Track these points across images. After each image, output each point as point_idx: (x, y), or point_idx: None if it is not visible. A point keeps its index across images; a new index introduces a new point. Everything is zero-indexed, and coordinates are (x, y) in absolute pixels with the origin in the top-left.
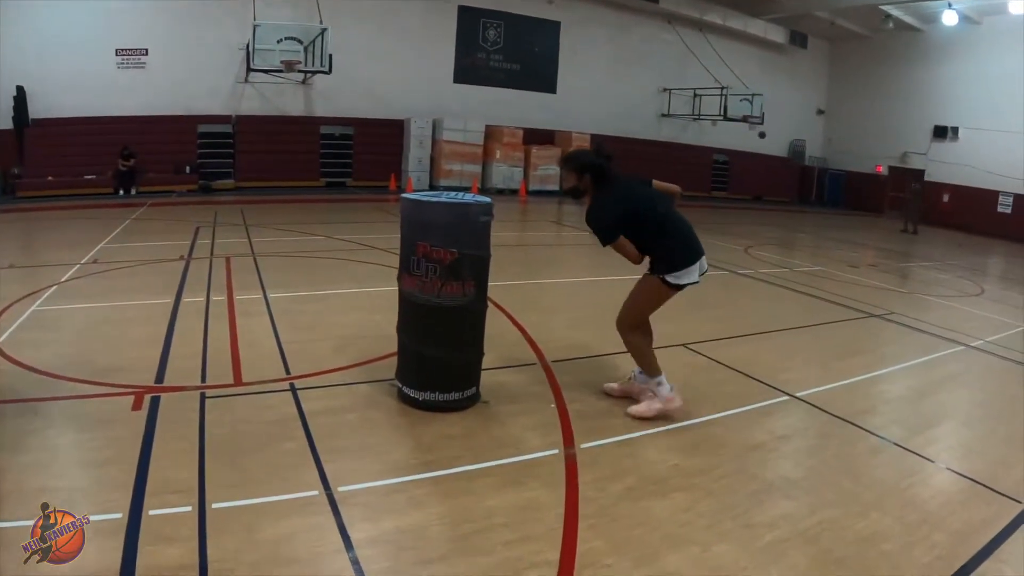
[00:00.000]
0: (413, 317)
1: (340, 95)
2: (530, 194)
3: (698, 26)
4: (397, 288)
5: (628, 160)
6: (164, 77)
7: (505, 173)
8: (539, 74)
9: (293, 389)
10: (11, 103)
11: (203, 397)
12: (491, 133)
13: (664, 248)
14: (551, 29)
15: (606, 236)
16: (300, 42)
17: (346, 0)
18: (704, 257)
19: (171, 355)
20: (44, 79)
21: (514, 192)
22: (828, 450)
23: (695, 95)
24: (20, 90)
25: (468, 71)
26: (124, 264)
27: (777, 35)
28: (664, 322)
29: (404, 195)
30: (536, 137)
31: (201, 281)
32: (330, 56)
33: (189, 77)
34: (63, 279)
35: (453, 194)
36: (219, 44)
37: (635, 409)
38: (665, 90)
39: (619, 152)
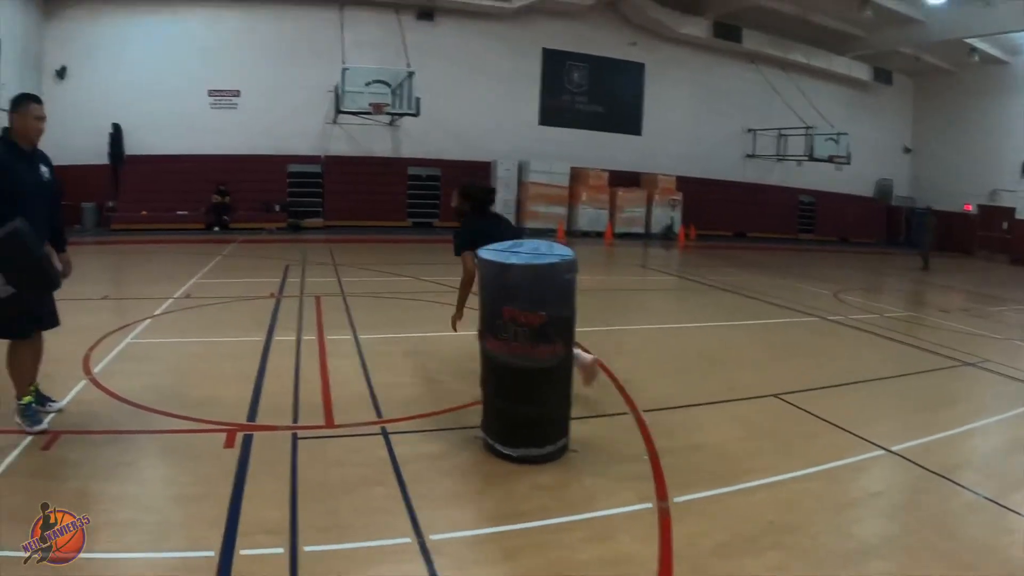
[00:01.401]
0: (499, 377)
1: (427, 136)
2: (616, 237)
3: (781, 65)
4: (479, 346)
5: (712, 204)
6: (255, 117)
7: (591, 215)
8: (624, 116)
9: (384, 433)
10: (108, 140)
11: (295, 438)
12: (577, 175)
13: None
14: (635, 71)
15: (458, 248)
16: (388, 85)
17: (433, 43)
18: None
19: (263, 393)
20: (139, 117)
21: (600, 234)
22: (923, 507)
23: (780, 135)
24: (116, 127)
25: (553, 113)
26: (216, 300)
27: (861, 72)
28: (754, 370)
29: (482, 253)
30: (621, 179)
31: (292, 319)
32: (417, 99)
33: (280, 118)
34: (157, 312)
35: (532, 244)
36: (309, 86)
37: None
38: (750, 131)
39: (704, 195)
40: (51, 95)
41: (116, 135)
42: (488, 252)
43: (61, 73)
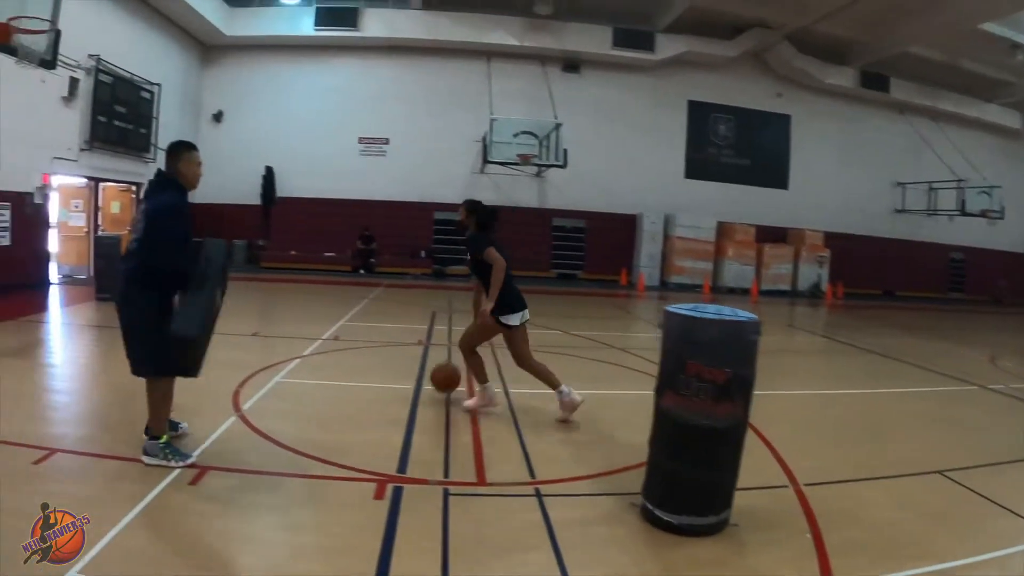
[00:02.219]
0: (675, 436)
1: (572, 188)
2: (762, 294)
3: (931, 114)
4: (653, 402)
5: (860, 261)
6: (403, 165)
7: (737, 272)
8: (770, 169)
9: (538, 495)
10: (260, 181)
11: (446, 493)
12: (723, 230)
13: (503, 293)
14: (781, 123)
15: (485, 243)
16: (535, 136)
17: (578, 95)
18: (526, 311)
19: (413, 444)
20: (291, 161)
21: (745, 292)
22: None
23: (930, 188)
24: (269, 170)
25: (699, 166)
26: (364, 344)
27: (1013, 120)
28: (913, 442)
29: (669, 308)
30: (768, 235)
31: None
32: (564, 150)
33: (427, 166)
34: (305, 353)
35: (714, 307)
36: (456, 136)
37: (468, 403)
38: (899, 184)
39: (852, 251)
40: (208, 138)
41: (269, 177)
42: (676, 307)
43: (218, 117)
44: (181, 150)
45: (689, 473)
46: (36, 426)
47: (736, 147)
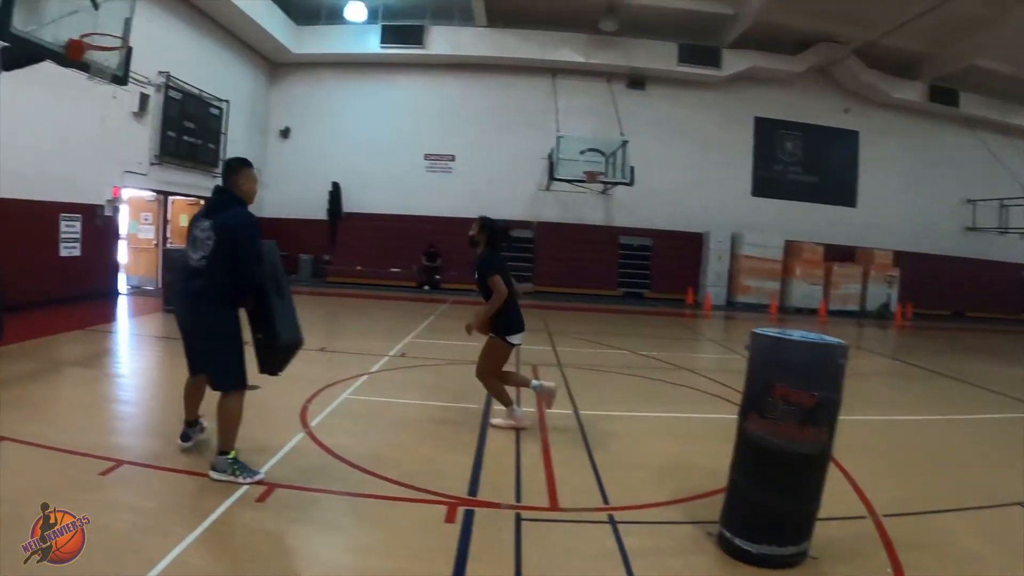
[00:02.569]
0: (758, 462)
1: (638, 205)
2: (830, 314)
3: (1001, 129)
4: (737, 426)
5: (930, 280)
6: (469, 182)
7: (804, 291)
8: (838, 186)
9: (612, 522)
10: (327, 197)
11: (518, 519)
12: (790, 249)
13: (506, 312)
14: (849, 139)
15: (493, 270)
16: (602, 153)
17: (644, 112)
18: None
19: (484, 466)
20: (358, 177)
21: (813, 312)
22: None
23: (1002, 205)
24: (336, 186)
25: (766, 184)
26: (431, 362)
27: None
28: (994, 472)
29: (757, 331)
30: (836, 253)
31: (509, 389)
32: (631, 168)
33: (493, 183)
34: (373, 369)
35: (799, 332)
36: (522, 153)
37: (496, 421)
38: (969, 201)
39: (921, 270)
40: (275, 153)
41: (335, 193)
42: (763, 330)
43: (285, 133)
44: (240, 166)
45: (771, 500)
46: (103, 437)
47: (803, 164)
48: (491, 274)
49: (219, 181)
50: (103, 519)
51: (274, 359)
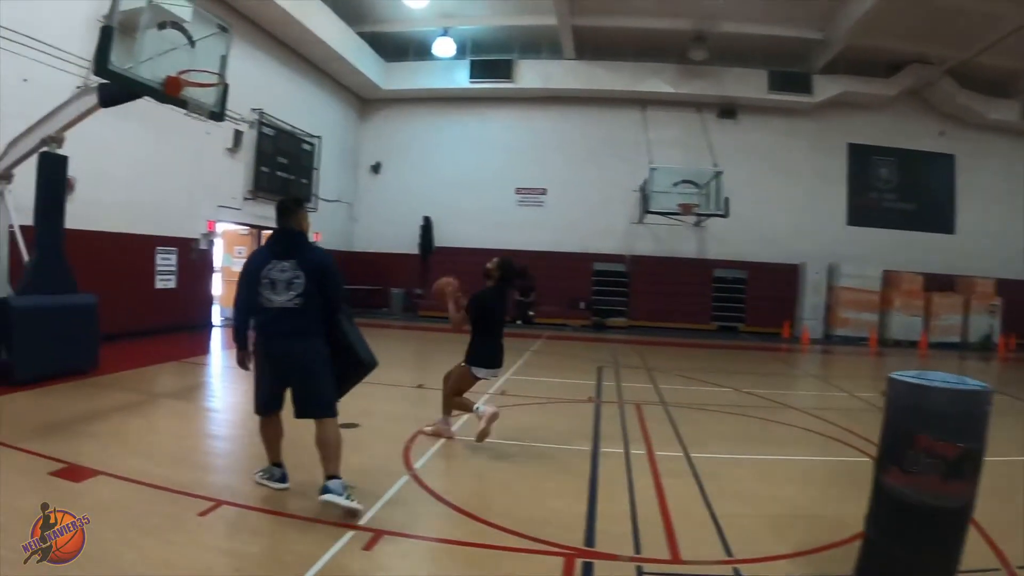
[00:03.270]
0: (897, 517)
1: (732, 237)
2: (931, 347)
3: None
4: (873, 477)
5: None
6: (561, 216)
7: (904, 323)
8: (935, 213)
9: (737, 575)
10: (418, 231)
11: (640, 572)
12: (888, 279)
13: (481, 346)
14: (945, 163)
15: (475, 303)
16: (696, 184)
17: (735, 141)
18: (496, 370)
19: (597, 514)
20: (449, 211)
21: (913, 344)
22: None
23: None
24: (427, 220)
25: (861, 212)
26: (533, 400)
27: None
28: None
29: (896, 375)
30: (935, 283)
31: (615, 429)
32: (726, 199)
33: (585, 217)
34: (473, 408)
35: (937, 374)
36: (613, 185)
37: (426, 428)
38: None
39: None
40: (367, 188)
41: (427, 227)
42: (902, 375)
43: (376, 168)
44: (301, 206)
45: (910, 557)
46: (200, 474)
47: (899, 190)
48: (471, 305)
49: (312, 216)
50: (204, 562)
51: (350, 383)
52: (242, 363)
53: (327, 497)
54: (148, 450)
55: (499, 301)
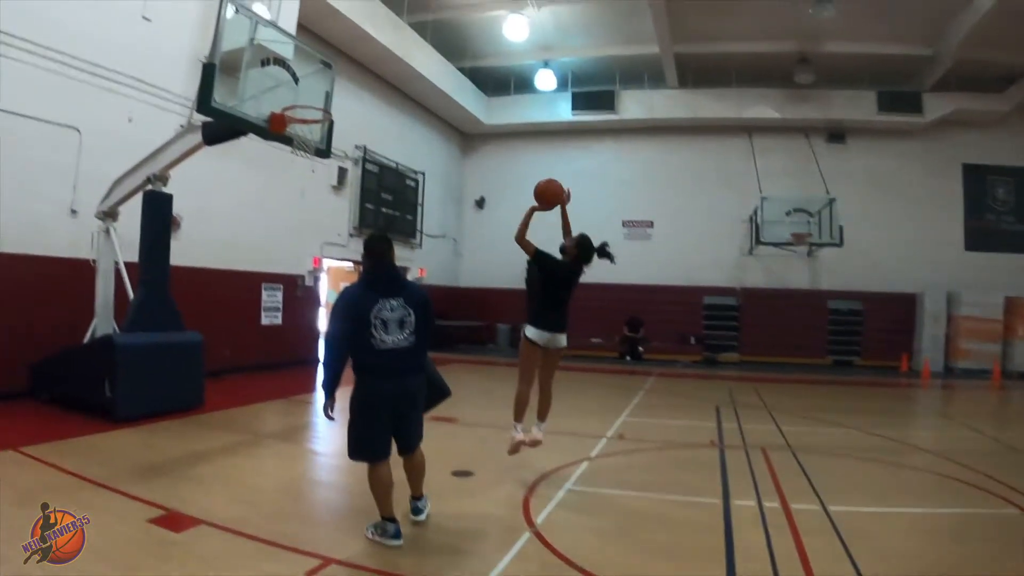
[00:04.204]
0: None
1: (844, 266)
2: None
3: None
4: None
5: None
6: (668, 248)
7: None
8: None
9: None
10: (524, 266)
11: None
12: (1011, 306)
13: (535, 304)
14: None
15: (541, 258)
16: (808, 213)
17: (845, 166)
18: (554, 335)
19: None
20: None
21: None
22: None
23: None
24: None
25: (979, 236)
26: (651, 444)
27: None
28: None
29: None
30: None
31: (743, 478)
32: (840, 227)
33: (693, 249)
34: (592, 454)
35: None
36: (722, 216)
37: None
38: None
39: None
40: (472, 224)
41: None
42: None
43: (480, 203)
44: (392, 244)
45: None
46: (308, 527)
47: (1017, 212)
48: (543, 255)
49: (418, 252)
50: None
51: (427, 410)
52: (329, 414)
53: (422, 517)
54: (253, 497)
55: (569, 274)
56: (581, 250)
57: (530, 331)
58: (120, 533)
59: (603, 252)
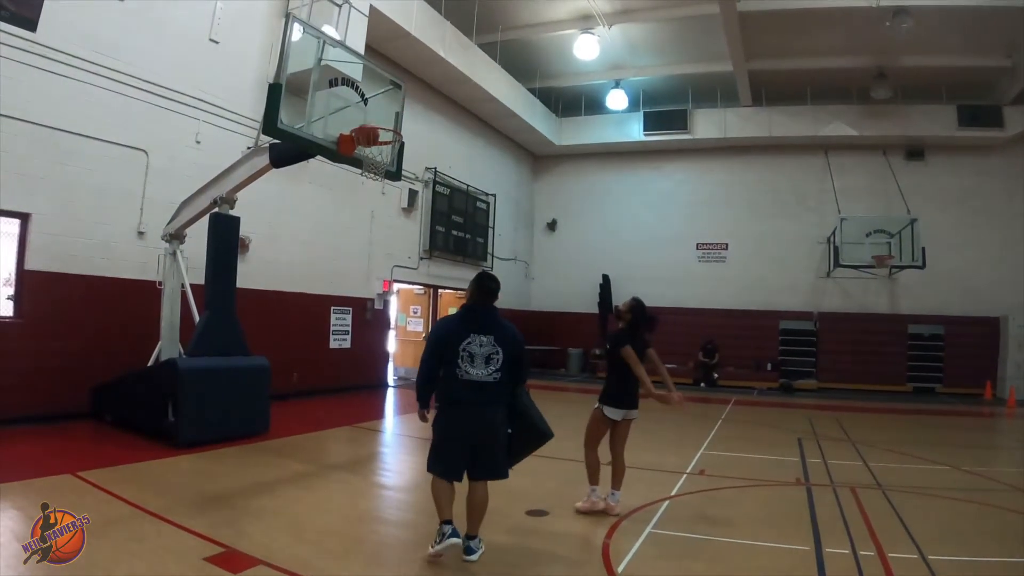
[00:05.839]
0: None
1: (925, 289)
2: None
3: None
4: None
5: None
6: (743, 271)
7: None
8: None
9: None
10: (595, 289)
11: None
12: None
13: (614, 383)
14: None
15: (621, 343)
16: (888, 234)
17: (924, 184)
18: (630, 410)
19: None
20: (627, 269)
21: None
22: None
23: None
24: (605, 278)
25: None
26: (734, 481)
27: None
28: None
29: None
30: None
31: (835, 521)
32: (923, 249)
33: (769, 271)
34: (673, 492)
35: None
36: (798, 238)
37: (578, 504)
38: None
39: None
40: (543, 246)
41: (605, 285)
42: None
43: (552, 225)
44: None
45: None
46: (371, 569)
47: None
48: (622, 346)
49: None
50: None
51: (525, 451)
52: (424, 417)
53: (474, 558)
54: (316, 536)
55: (630, 342)
56: (635, 315)
57: (609, 411)
58: (175, 573)
59: (654, 323)
